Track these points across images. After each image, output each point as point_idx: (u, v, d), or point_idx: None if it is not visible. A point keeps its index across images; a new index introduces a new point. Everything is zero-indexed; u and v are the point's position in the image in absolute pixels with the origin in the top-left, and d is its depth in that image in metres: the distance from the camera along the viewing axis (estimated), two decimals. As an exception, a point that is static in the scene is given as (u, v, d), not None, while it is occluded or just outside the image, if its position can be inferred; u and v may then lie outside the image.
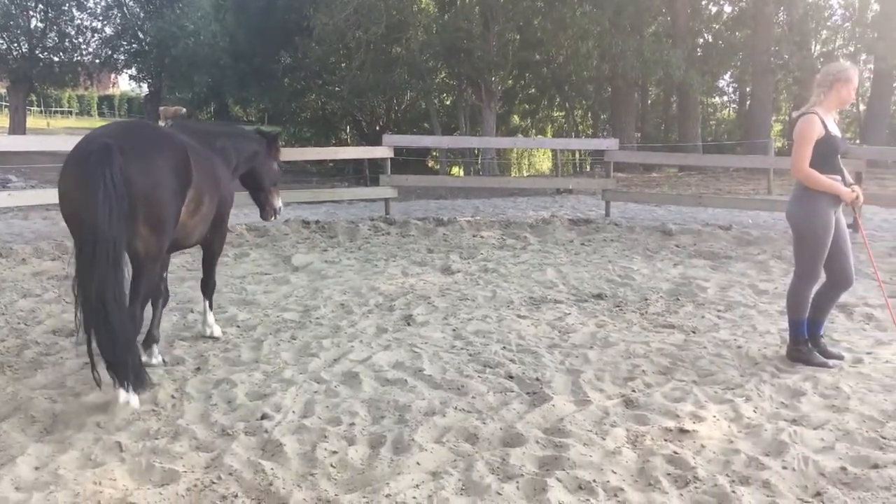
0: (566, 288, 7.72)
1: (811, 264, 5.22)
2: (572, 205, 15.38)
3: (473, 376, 4.94)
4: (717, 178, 21.62)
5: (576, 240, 10.76)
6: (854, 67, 5.18)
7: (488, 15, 24.95)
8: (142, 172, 4.33)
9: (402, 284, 7.77)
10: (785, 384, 4.85)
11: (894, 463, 3.75)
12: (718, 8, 29.86)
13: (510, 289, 7.60)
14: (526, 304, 6.99)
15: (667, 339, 5.91)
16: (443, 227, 11.36)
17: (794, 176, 5.19)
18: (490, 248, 9.95)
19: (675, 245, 10.31)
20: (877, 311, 6.61)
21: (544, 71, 29.36)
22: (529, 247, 10.14)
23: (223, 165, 5.52)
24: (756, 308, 6.91)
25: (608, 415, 4.33)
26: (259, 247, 9.89)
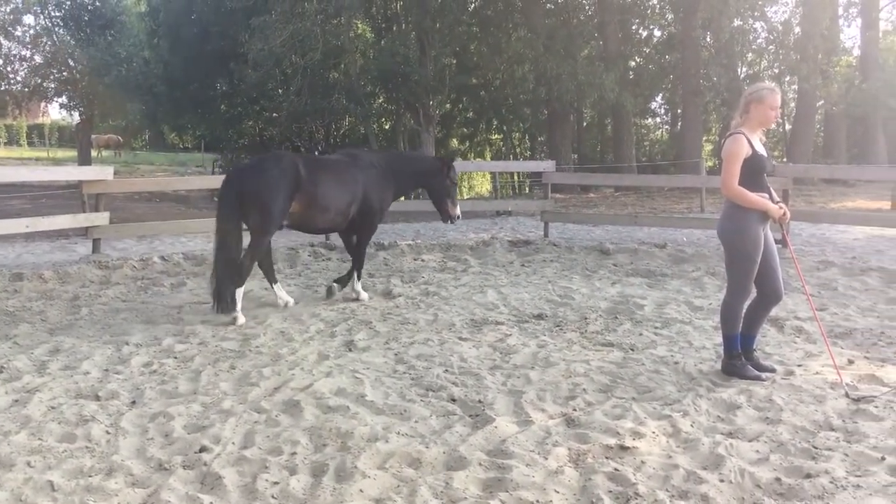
0: (507, 309, 7.77)
1: (742, 280, 5.36)
2: (512, 226, 15.53)
3: (416, 400, 4.93)
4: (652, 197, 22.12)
5: (516, 261, 10.85)
6: (769, 88, 5.35)
7: (424, 40, 25.18)
8: (249, 181, 7.30)
9: (343, 310, 7.72)
10: (721, 398, 4.96)
11: (826, 472, 3.86)
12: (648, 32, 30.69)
13: (452, 311, 7.62)
14: (467, 327, 7.01)
15: (606, 357, 5.99)
16: (383, 251, 11.35)
17: (724, 194, 5.34)
18: (431, 272, 9.97)
19: (613, 264, 10.48)
20: (806, 324, 6.82)
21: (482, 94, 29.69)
22: (470, 269, 10.19)
23: (371, 179, 7.94)
24: (692, 324, 7.06)
25: (550, 434, 4.36)
26: (197, 276, 9.71)
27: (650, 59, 30.26)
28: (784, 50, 27.53)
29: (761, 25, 27.91)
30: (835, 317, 7.29)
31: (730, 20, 24.21)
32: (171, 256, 10.60)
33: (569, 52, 25.20)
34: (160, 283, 9.25)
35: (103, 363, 5.82)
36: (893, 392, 5.05)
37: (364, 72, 26.20)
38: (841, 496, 3.62)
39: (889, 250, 11.65)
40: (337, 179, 7.73)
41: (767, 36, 28.11)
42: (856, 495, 3.63)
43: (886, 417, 4.60)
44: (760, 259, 5.29)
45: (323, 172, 7.66)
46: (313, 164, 7.70)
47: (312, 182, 7.45)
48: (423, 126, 26.34)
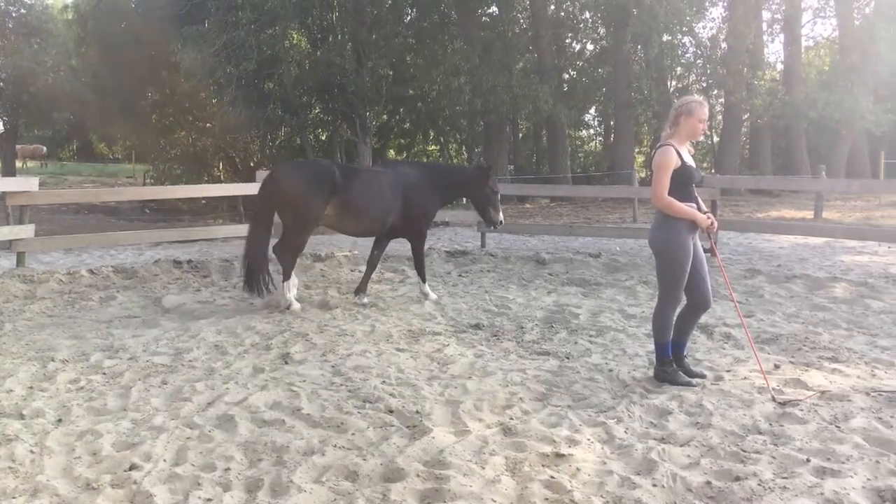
0: (444, 319, 7.79)
1: (673, 288, 5.49)
2: (449, 237, 15.59)
3: (353, 412, 4.90)
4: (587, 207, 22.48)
5: (453, 271, 10.90)
6: (698, 101, 5.50)
7: (360, 51, 25.15)
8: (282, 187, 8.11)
9: (279, 322, 7.63)
10: (653, 404, 5.06)
11: (754, 474, 3.96)
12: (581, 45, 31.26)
13: (389, 322, 7.60)
14: (405, 338, 7.00)
15: (542, 365, 6.06)
16: (320, 262, 11.26)
17: (655, 204, 5.46)
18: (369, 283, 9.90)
19: (549, 273, 10.61)
20: (734, 331, 7.00)
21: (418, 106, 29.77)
22: (408, 280, 10.18)
23: (413, 190, 8.58)
24: (625, 332, 7.19)
25: (487, 443, 4.38)
26: (127, 289, 9.47)
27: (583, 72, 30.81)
28: (711, 64, 28.35)
29: (690, 40, 28.73)
30: (762, 323, 7.51)
31: (659, 35, 24.85)
32: (99, 269, 10.32)
33: (504, 64, 25.50)
34: (88, 297, 8.98)
35: (27, 380, 5.62)
36: (817, 395, 5.22)
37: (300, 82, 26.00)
38: (768, 498, 3.72)
39: (812, 258, 12.07)
40: (372, 189, 8.39)
41: (695, 51, 28.95)
42: (782, 497, 3.74)
43: (811, 420, 4.75)
44: (690, 268, 5.42)
45: (358, 181, 8.37)
46: (350, 173, 8.44)
47: (347, 189, 8.16)
48: (360, 137, 26.27)
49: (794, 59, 29.85)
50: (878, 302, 8.45)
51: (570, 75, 30.50)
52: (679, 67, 30.08)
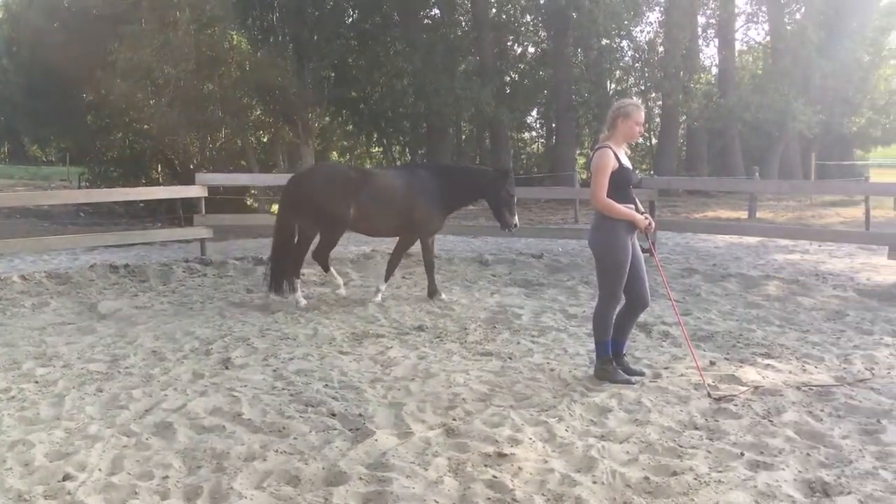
0: (388, 322, 7.78)
1: (613, 288, 5.58)
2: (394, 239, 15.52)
3: (295, 417, 4.86)
4: (529, 208, 22.65)
5: (397, 273, 10.83)
6: (635, 104, 5.61)
7: (302, 52, 24.93)
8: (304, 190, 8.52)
9: (220, 327, 7.52)
10: (593, 402, 5.14)
11: (691, 469, 4.06)
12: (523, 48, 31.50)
13: (332, 325, 7.56)
14: (348, 340, 6.97)
15: (485, 366, 6.10)
16: (262, 265, 11.08)
17: (594, 206, 5.55)
18: (311, 285, 9.85)
19: (492, 274, 10.68)
20: (672, 329, 7.15)
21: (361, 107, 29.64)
22: (351, 282, 10.14)
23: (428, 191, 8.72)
24: (567, 332, 7.28)
25: (430, 445, 4.39)
26: (61, 295, 9.22)
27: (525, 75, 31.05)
28: (649, 68, 28.88)
29: (628, 44, 29.19)
30: (698, 321, 7.69)
31: (598, 39, 25.23)
32: (32, 275, 10.01)
33: (447, 66, 25.57)
34: (20, 303, 8.72)
35: (-44, 391, 5.44)
36: (751, 391, 5.37)
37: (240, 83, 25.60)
38: (704, 492, 3.82)
39: (746, 257, 12.39)
40: (388, 190, 8.65)
41: (634, 54, 29.43)
42: (718, 490, 3.83)
43: (745, 415, 4.89)
44: (629, 268, 5.52)
45: (376, 183, 8.65)
46: (367, 176, 8.79)
47: (366, 191, 8.46)
48: (303, 139, 26.02)
49: (728, 62, 30.61)
50: (808, 299, 8.72)
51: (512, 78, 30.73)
52: (618, 71, 30.57)
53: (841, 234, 13.45)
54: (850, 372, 5.90)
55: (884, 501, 3.70)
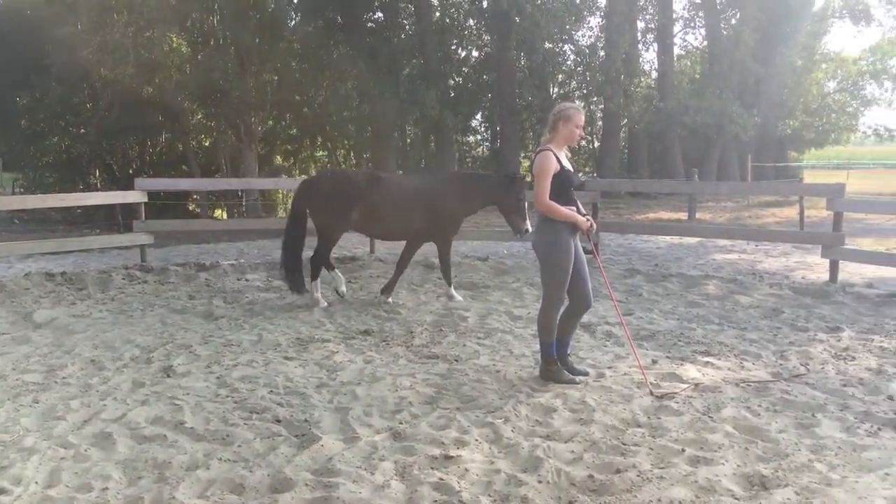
0: (334, 326, 7.74)
1: (556, 289, 5.64)
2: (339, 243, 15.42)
3: (239, 424, 4.80)
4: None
5: (346, 276, 10.79)
6: (575, 107, 5.69)
7: (244, 56, 24.64)
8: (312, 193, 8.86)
9: (161, 334, 7.37)
10: (539, 403, 5.19)
11: (634, 466, 4.13)
12: (466, 52, 31.63)
13: (277, 331, 7.48)
14: (293, 346, 6.91)
15: (431, 369, 6.11)
16: (205, 272, 10.95)
17: (537, 208, 5.60)
18: (255, 291, 9.74)
19: (438, 278, 10.67)
20: (615, 329, 7.26)
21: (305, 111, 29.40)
22: (296, 288, 10.03)
23: (438, 197, 8.92)
24: (512, 333, 7.34)
25: (377, 449, 4.38)
26: (-6, 304, 8.93)
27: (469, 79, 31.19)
28: (591, 72, 29.28)
29: (570, 48, 29.55)
30: (640, 321, 7.83)
31: (541, 43, 25.47)
32: (-37, 285, 9.69)
33: (391, 70, 25.53)
34: (-49, 314, 8.42)
35: None
36: (691, 388, 5.49)
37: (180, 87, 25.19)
38: (647, 488, 3.89)
39: (687, 257, 12.65)
40: (396, 196, 8.82)
41: (576, 58, 29.79)
42: (660, 486, 3.91)
43: (685, 412, 4.99)
44: (572, 269, 5.59)
45: (383, 189, 8.79)
46: (375, 181, 8.89)
47: (371, 196, 8.66)
48: (245, 143, 25.71)
49: (667, 67, 31.22)
50: (746, 297, 8.95)
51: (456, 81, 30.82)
52: (560, 74, 30.89)
53: (776, 234, 13.83)
54: (786, 368, 6.07)
55: (819, 493, 3.82)
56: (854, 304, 8.62)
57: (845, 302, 8.71)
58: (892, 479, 3.97)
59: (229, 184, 21.99)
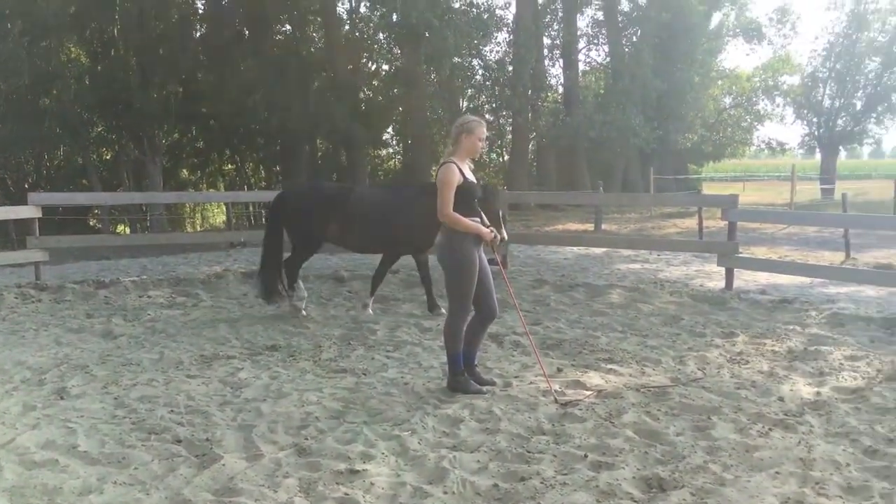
0: (239, 342, 7.58)
1: (462, 300, 5.68)
2: (247, 257, 15.16)
3: (136, 446, 4.63)
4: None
5: (250, 293, 10.59)
6: (477, 120, 5.75)
7: (147, 67, 23.99)
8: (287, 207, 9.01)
9: (56, 355, 7.06)
10: (446, 414, 5.21)
11: (538, 473, 4.19)
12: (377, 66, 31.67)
13: (179, 349, 7.27)
14: (196, 363, 6.73)
15: (339, 383, 6.05)
16: (104, 289, 10.55)
17: (441, 220, 5.63)
18: (158, 308, 9.45)
19: (348, 291, 10.63)
20: (523, 339, 7.35)
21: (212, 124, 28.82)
22: (201, 303, 9.80)
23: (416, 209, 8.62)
24: (421, 345, 7.35)
25: (281, 466, 4.31)
26: None
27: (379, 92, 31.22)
28: (499, 86, 29.75)
29: (479, 63, 29.95)
30: (547, 330, 7.96)
31: (450, 57, 25.71)
32: None
33: (300, 82, 25.31)
34: None
35: None
36: (595, 395, 5.61)
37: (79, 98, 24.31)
38: (550, 495, 3.95)
39: (593, 267, 12.96)
40: (372, 208, 8.86)
41: (485, 73, 30.20)
42: (562, 492, 3.97)
43: (589, 418, 5.10)
44: (477, 280, 5.64)
45: (358, 202, 8.91)
46: (349, 194, 9.04)
47: (346, 210, 8.78)
48: (149, 156, 25.01)
49: (572, 82, 32.00)
50: (648, 305, 9.22)
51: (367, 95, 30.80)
52: (470, 89, 31.28)
53: (677, 244, 14.32)
54: (685, 372, 6.28)
55: (713, 493, 3.95)
56: (748, 309, 9.00)
57: (740, 308, 9.07)
58: (782, 477, 4.15)
59: (132, 198, 21.30)
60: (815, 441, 4.66)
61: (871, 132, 38.09)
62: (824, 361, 6.57)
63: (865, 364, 6.45)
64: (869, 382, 5.93)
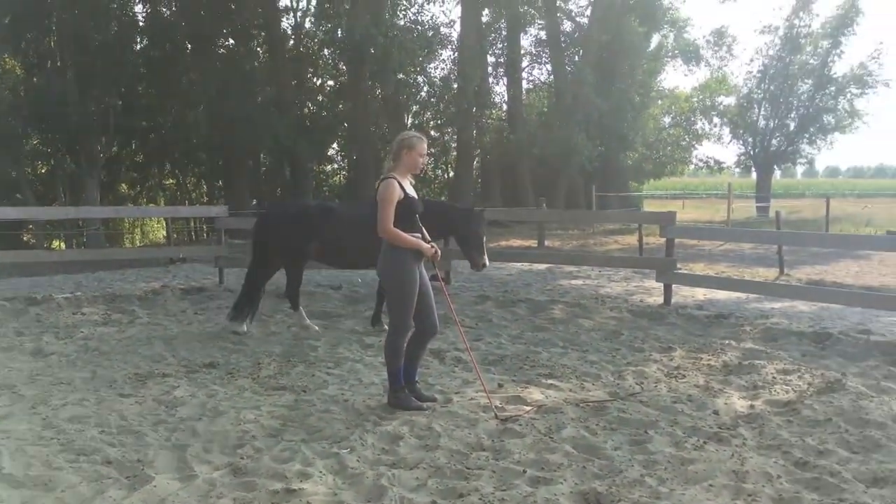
0: (176, 360, 7.42)
1: (402, 316, 5.67)
2: (186, 274, 14.91)
3: (64, 467, 4.48)
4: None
5: (188, 309, 10.43)
6: (418, 136, 5.77)
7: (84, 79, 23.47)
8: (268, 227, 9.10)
9: (-19, 376, 6.81)
10: (386, 431, 5.17)
11: (476, 490, 4.18)
12: (322, 81, 31.51)
13: (113, 367, 7.08)
14: (130, 382, 6.56)
15: (278, 400, 5.97)
16: (35, 306, 10.23)
17: (381, 236, 5.61)
18: (92, 325, 9.20)
19: (290, 308, 10.48)
20: (464, 355, 7.35)
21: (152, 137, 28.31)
22: (138, 320, 9.58)
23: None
24: (362, 362, 7.30)
25: (215, 486, 4.22)
26: None
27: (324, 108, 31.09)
28: (444, 103, 29.88)
29: (423, 80, 30.05)
30: (489, 345, 7.99)
31: (395, 74, 25.76)
32: None
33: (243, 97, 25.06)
34: None
35: None
36: (534, 410, 5.64)
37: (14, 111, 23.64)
38: (488, 510, 3.94)
39: (535, 283, 13.06)
40: (355, 226, 8.51)
41: (429, 90, 30.31)
42: (500, 508, 3.97)
43: (528, 434, 5.11)
44: (417, 296, 5.63)
45: (339, 219, 8.93)
46: (330, 212, 9.09)
47: (327, 228, 8.84)
48: (87, 170, 24.41)
49: (516, 100, 32.33)
50: (588, 321, 9.33)
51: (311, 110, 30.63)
52: (415, 105, 31.34)
53: (617, 260, 14.50)
54: (623, 387, 6.36)
55: (649, 506, 3.99)
56: (685, 324, 9.17)
57: (677, 323, 9.24)
58: (716, 490, 4.21)
59: (67, 212, 20.72)
60: (748, 454, 4.75)
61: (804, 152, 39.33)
62: (758, 375, 6.72)
63: (797, 378, 6.61)
64: (800, 395, 6.08)
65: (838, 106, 36.37)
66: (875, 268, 15.39)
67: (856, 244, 13.88)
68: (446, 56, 31.59)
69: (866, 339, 8.16)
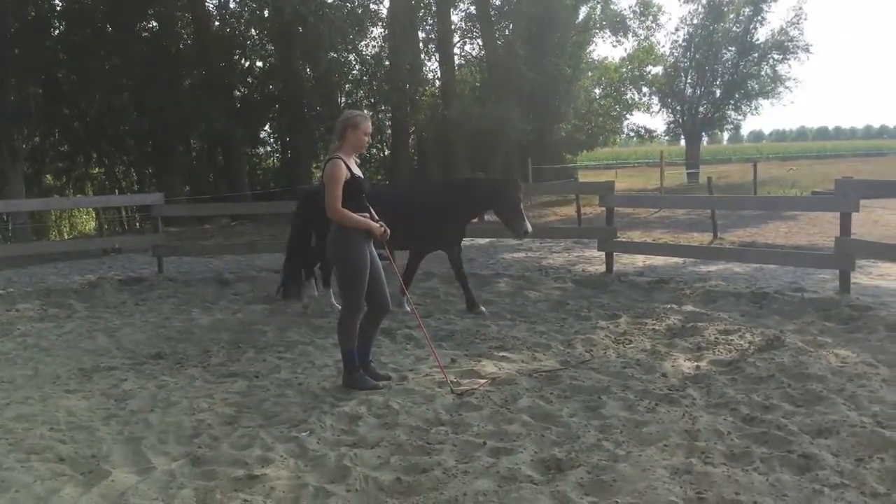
0: (121, 353, 7.27)
1: (354, 296, 5.65)
2: (123, 264, 14.55)
3: (15, 468, 4.35)
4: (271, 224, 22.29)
5: (129, 300, 10.19)
6: (362, 115, 5.74)
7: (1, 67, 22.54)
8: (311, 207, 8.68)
9: (-85, 379, 6.55)
10: (344, 411, 5.17)
11: (439, 464, 4.22)
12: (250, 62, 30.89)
13: (55, 363, 6.90)
14: (75, 377, 6.40)
15: (231, 388, 5.90)
16: None
17: (330, 216, 5.58)
18: (28, 322, 8.92)
19: (234, 294, 10.37)
20: (415, 332, 7.39)
21: (76, 126, 27.40)
22: (76, 314, 9.33)
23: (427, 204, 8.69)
24: (313, 344, 7.27)
25: (175, 477, 4.17)
26: None
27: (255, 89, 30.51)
28: (377, 81, 29.62)
29: (355, 58, 29.71)
30: (439, 321, 8.03)
31: (326, 52, 25.40)
32: None
33: (170, 81, 24.42)
34: None
35: None
36: (489, 382, 5.70)
37: (-74, 102, 22.60)
38: (452, 484, 3.98)
39: (479, 258, 13.15)
40: (395, 206, 8.00)
41: (361, 68, 30.00)
42: (464, 480, 4.01)
43: (485, 406, 5.18)
44: (368, 276, 5.62)
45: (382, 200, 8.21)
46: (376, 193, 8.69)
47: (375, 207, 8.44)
48: (9, 162, 23.49)
49: (449, 76, 32.22)
50: (534, 292, 9.45)
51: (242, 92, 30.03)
52: (347, 84, 30.99)
53: (558, 231, 14.73)
54: (573, 355, 6.48)
55: (608, 469, 4.08)
56: (628, 291, 9.37)
57: (620, 290, 9.44)
58: (671, 449, 4.34)
59: None
60: (697, 413, 4.90)
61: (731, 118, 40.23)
62: (701, 337, 6.92)
63: (738, 337, 6.83)
64: (743, 354, 6.29)
65: (761, 72, 37.27)
66: (803, 227, 15.93)
67: (785, 205, 14.33)
68: (377, 33, 31.29)
69: (801, 297, 8.47)
